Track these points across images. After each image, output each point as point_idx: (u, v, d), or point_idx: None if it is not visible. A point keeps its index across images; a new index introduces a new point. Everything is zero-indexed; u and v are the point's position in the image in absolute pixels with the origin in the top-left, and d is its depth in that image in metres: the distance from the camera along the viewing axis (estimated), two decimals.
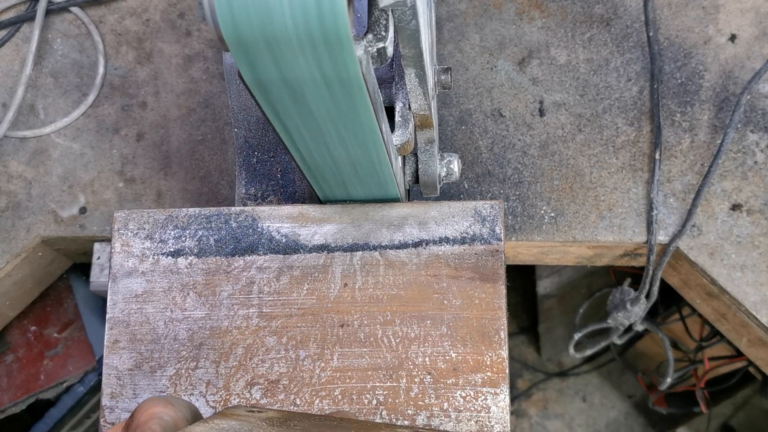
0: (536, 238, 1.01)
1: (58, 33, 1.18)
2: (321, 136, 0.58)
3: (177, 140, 1.12)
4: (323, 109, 0.53)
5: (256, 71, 0.48)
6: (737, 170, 1.01)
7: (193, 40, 1.16)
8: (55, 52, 1.17)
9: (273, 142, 0.87)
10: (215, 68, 1.15)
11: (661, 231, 1.00)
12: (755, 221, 0.99)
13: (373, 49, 0.50)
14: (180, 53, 1.16)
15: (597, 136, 1.04)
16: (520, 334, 2.02)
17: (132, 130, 1.13)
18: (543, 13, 1.10)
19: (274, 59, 0.46)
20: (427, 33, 0.60)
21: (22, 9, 1.18)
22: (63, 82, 1.15)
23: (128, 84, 1.15)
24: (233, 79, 0.87)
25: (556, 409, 2.00)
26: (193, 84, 1.14)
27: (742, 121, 1.02)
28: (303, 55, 0.46)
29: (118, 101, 1.14)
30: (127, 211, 0.81)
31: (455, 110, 1.06)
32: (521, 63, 1.09)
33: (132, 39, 1.17)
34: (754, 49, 1.06)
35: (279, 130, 0.57)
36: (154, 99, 1.14)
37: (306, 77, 0.48)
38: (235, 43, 0.45)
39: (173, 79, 1.15)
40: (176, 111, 1.13)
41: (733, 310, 1.01)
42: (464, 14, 1.11)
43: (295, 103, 0.52)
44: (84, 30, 1.17)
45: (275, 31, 0.43)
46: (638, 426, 1.97)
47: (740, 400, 1.61)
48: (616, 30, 1.09)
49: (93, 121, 1.14)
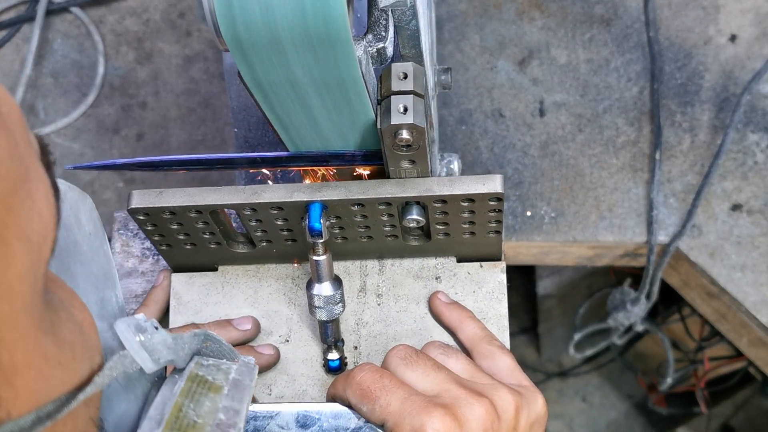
0: (536, 239, 1.01)
1: (58, 33, 1.18)
2: (320, 135, 0.58)
3: (177, 140, 1.12)
4: (322, 109, 0.53)
5: (255, 72, 0.48)
6: (737, 170, 1.01)
7: (193, 40, 1.16)
8: (55, 52, 1.17)
9: (273, 142, 0.87)
10: (215, 68, 1.15)
11: (661, 231, 1.00)
12: (755, 221, 0.99)
13: (372, 49, 0.50)
14: (180, 53, 1.16)
15: (597, 137, 1.04)
16: (520, 335, 2.02)
17: (132, 130, 1.13)
18: (543, 13, 1.10)
19: (274, 60, 0.46)
20: (428, 33, 0.60)
21: (22, 9, 1.18)
22: (63, 82, 1.15)
23: (128, 84, 1.15)
24: (233, 79, 0.87)
25: (556, 410, 2.00)
26: (193, 84, 1.14)
27: (742, 122, 1.02)
28: (302, 56, 0.46)
29: (118, 101, 1.14)
30: (126, 211, 0.81)
31: (455, 110, 1.06)
32: (521, 63, 1.09)
33: (132, 39, 1.17)
34: (754, 49, 1.06)
35: (279, 130, 0.57)
36: (154, 99, 1.14)
37: (305, 77, 0.48)
38: (235, 44, 0.45)
39: (173, 79, 1.15)
40: (176, 111, 1.13)
41: (733, 310, 1.01)
42: (464, 14, 1.11)
43: (295, 103, 0.52)
44: (84, 30, 1.17)
45: (275, 31, 0.43)
46: (638, 426, 1.97)
47: (740, 400, 1.61)
48: (616, 30, 1.09)
49: (93, 121, 1.14)
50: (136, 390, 0.41)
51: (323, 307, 0.64)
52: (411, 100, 0.53)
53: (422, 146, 0.56)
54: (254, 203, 0.62)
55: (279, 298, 0.73)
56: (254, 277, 0.74)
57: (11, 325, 0.30)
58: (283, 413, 0.58)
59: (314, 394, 0.70)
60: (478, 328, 0.66)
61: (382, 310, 0.72)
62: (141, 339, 0.37)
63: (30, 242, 0.30)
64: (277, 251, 0.70)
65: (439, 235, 0.68)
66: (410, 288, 0.72)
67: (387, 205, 0.62)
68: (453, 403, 0.53)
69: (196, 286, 0.74)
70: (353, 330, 0.71)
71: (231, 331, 0.69)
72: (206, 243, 0.68)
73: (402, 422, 0.52)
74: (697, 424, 1.76)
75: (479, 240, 0.68)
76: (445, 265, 0.73)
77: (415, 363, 0.57)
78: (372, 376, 0.55)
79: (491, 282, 0.72)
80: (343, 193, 0.61)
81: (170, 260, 0.73)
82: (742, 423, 1.67)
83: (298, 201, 0.61)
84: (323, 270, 0.63)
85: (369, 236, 0.67)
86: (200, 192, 0.62)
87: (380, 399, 0.54)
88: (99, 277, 0.40)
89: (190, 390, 0.39)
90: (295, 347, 0.71)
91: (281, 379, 0.70)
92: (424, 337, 0.70)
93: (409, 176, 0.61)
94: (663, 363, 1.39)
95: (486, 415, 0.53)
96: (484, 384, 0.57)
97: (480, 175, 0.60)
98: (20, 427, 0.30)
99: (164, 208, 0.62)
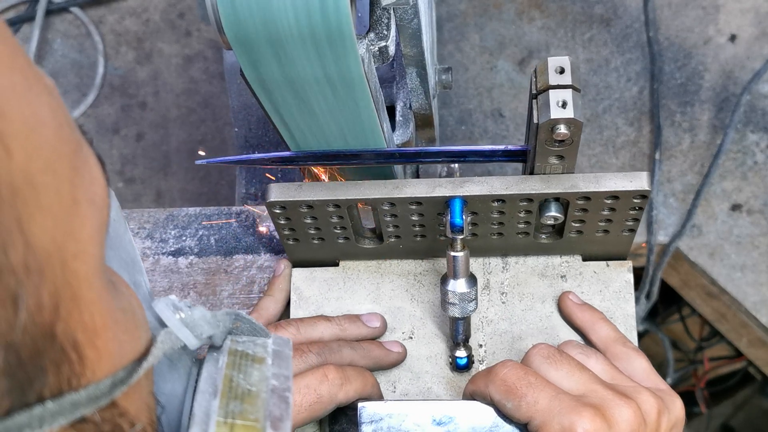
0: None
1: (58, 33, 1.17)
2: (323, 134, 0.58)
3: (177, 140, 1.12)
4: (325, 108, 0.53)
5: (258, 69, 0.48)
6: (737, 170, 1.01)
7: (193, 40, 1.16)
8: (55, 52, 1.17)
9: (274, 141, 0.87)
10: (215, 68, 1.15)
11: (661, 231, 1.00)
12: (755, 221, 0.99)
13: (374, 48, 0.50)
14: (180, 53, 1.16)
15: (597, 136, 1.04)
16: None
17: (132, 130, 1.13)
18: (543, 13, 1.10)
19: (277, 57, 0.46)
20: (429, 32, 0.60)
21: (21, 9, 1.18)
22: (63, 82, 1.15)
23: (128, 84, 1.15)
24: (233, 79, 0.87)
25: None
26: (193, 84, 1.14)
27: (742, 121, 1.02)
28: (306, 54, 0.46)
29: (118, 101, 1.14)
30: (127, 211, 0.81)
31: (455, 110, 1.07)
32: (521, 63, 1.09)
33: (132, 39, 1.17)
34: (754, 49, 1.06)
35: (280, 128, 0.57)
36: (154, 99, 1.14)
37: (308, 75, 0.48)
38: (238, 42, 0.45)
39: (173, 79, 1.15)
40: (176, 111, 1.13)
41: (733, 310, 1.01)
42: (464, 14, 1.11)
43: (297, 101, 0.52)
44: (84, 30, 1.17)
45: (278, 29, 0.43)
46: None
47: (740, 400, 1.61)
48: (616, 30, 1.09)
49: (93, 121, 1.13)
50: (179, 369, 0.41)
51: (457, 303, 0.63)
52: (570, 94, 0.53)
53: (575, 142, 0.55)
54: (395, 198, 0.61)
55: (402, 294, 0.72)
56: (376, 272, 0.73)
57: (88, 286, 0.30)
58: (418, 411, 0.58)
59: (439, 392, 0.69)
60: (611, 330, 0.66)
61: (506, 308, 0.71)
62: (181, 316, 0.37)
63: (95, 204, 0.30)
64: (404, 247, 0.70)
65: (572, 233, 0.67)
66: (535, 286, 0.71)
67: (528, 202, 0.61)
68: (601, 404, 0.53)
69: (317, 281, 0.73)
70: (478, 328, 0.71)
71: (361, 327, 0.69)
72: (335, 238, 0.68)
73: (551, 420, 0.52)
74: (696, 424, 1.76)
75: (611, 238, 0.67)
76: (570, 264, 0.72)
77: (559, 362, 0.57)
78: (517, 372, 0.55)
79: (618, 281, 0.71)
80: (485, 189, 0.60)
81: (293, 255, 0.72)
82: (742, 423, 1.67)
83: (440, 196, 0.60)
84: (460, 266, 0.62)
85: (500, 233, 0.67)
86: (339, 186, 0.62)
87: (527, 396, 0.54)
88: (128, 262, 0.40)
89: (234, 363, 0.39)
90: (419, 344, 0.70)
91: (405, 376, 0.69)
92: (550, 336, 0.69)
93: (554, 172, 0.60)
94: (663, 363, 1.38)
95: (634, 417, 0.53)
96: (626, 386, 0.57)
97: (625, 172, 0.59)
98: (101, 390, 0.30)
99: (303, 202, 0.62)
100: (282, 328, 0.66)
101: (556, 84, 0.53)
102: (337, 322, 0.68)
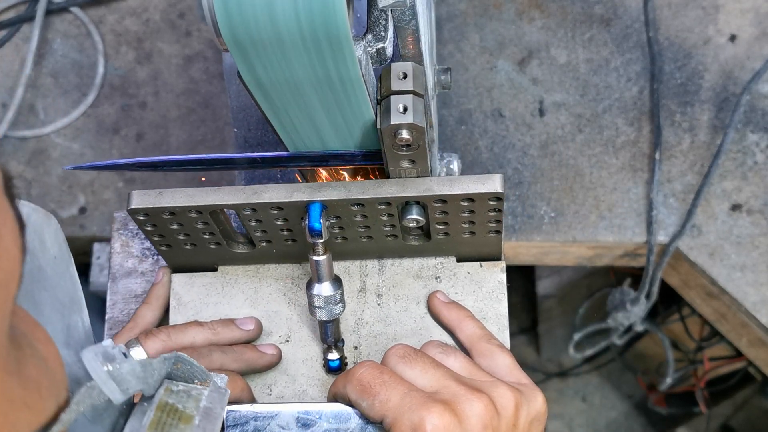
0: (536, 238, 1.01)
1: (58, 33, 1.18)
2: (320, 136, 0.58)
3: (177, 140, 1.12)
4: (322, 110, 0.53)
5: (255, 71, 0.48)
6: (737, 170, 1.01)
7: (193, 40, 1.16)
8: (55, 52, 1.17)
9: (273, 141, 0.87)
10: (215, 68, 1.15)
11: (661, 231, 1.00)
12: (755, 221, 0.99)
13: (372, 49, 0.50)
14: (180, 53, 1.16)
15: (597, 136, 1.04)
16: (520, 335, 2.02)
17: (132, 130, 1.13)
18: (543, 13, 1.10)
19: (273, 60, 0.46)
20: (427, 33, 0.60)
21: (21, 9, 1.18)
22: (63, 82, 1.15)
23: (128, 84, 1.15)
24: (233, 79, 0.87)
25: (556, 409, 2.00)
26: (192, 84, 1.14)
27: (742, 121, 1.02)
28: (302, 56, 0.46)
29: (118, 101, 1.14)
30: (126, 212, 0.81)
31: (455, 110, 1.06)
32: (521, 63, 1.09)
33: (132, 39, 1.17)
34: (754, 49, 1.06)
35: (278, 130, 0.57)
36: (154, 99, 1.14)
37: (305, 77, 0.48)
38: (234, 44, 0.45)
39: (173, 79, 1.15)
40: (176, 111, 1.13)
41: (733, 310, 1.01)
42: (464, 14, 1.11)
43: (294, 103, 0.52)
44: (84, 30, 1.17)
45: (275, 31, 0.43)
46: (638, 426, 1.97)
47: (740, 400, 1.61)
48: (616, 30, 1.09)
49: (93, 121, 1.14)
50: (104, 421, 0.40)
51: (323, 307, 0.64)
52: (411, 99, 0.53)
53: (422, 146, 0.56)
54: (254, 203, 0.62)
55: (279, 298, 0.73)
56: (254, 277, 0.74)
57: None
58: (284, 413, 0.58)
59: (314, 394, 0.70)
60: (476, 327, 0.67)
61: (382, 310, 0.72)
62: (109, 369, 0.36)
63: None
64: (277, 251, 0.70)
65: (439, 235, 0.68)
66: (410, 288, 0.72)
67: (387, 205, 0.62)
68: (452, 399, 0.53)
69: (196, 286, 0.74)
70: (353, 330, 0.71)
71: (234, 331, 0.69)
72: (206, 243, 0.68)
73: (401, 417, 0.52)
74: (696, 424, 1.76)
75: (479, 240, 0.68)
76: (445, 265, 0.73)
77: (414, 360, 0.57)
78: (372, 372, 0.55)
79: (491, 282, 0.72)
80: (342, 193, 0.61)
81: (170, 260, 0.73)
82: (741, 423, 1.67)
83: (298, 201, 0.61)
84: (323, 270, 0.63)
85: (369, 236, 0.67)
86: (200, 192, 0.62)
87: (380, 394, 0.54)
88: (65, 303, 0.39)
89: (159, 421, 0.38)
90: (295, 347, 0.71)
91: (281, 379, 0.70)
92: (424, 336, 0.70)
93: (409, 176, 0.61)
94: (663, 363, 1.38)
95: (485, 411, 0.53)
96: (483, 381, 0.57)
97: (480, 174, 0.60)
98: None
99: (164, 209, 0.62)
100: (153, 335, 0.66)
101: (398, 89, 0.53)
102: (210, 327, 0.68)
